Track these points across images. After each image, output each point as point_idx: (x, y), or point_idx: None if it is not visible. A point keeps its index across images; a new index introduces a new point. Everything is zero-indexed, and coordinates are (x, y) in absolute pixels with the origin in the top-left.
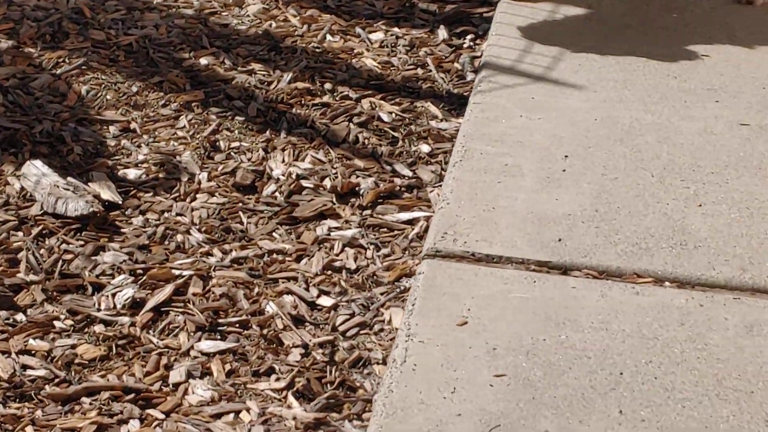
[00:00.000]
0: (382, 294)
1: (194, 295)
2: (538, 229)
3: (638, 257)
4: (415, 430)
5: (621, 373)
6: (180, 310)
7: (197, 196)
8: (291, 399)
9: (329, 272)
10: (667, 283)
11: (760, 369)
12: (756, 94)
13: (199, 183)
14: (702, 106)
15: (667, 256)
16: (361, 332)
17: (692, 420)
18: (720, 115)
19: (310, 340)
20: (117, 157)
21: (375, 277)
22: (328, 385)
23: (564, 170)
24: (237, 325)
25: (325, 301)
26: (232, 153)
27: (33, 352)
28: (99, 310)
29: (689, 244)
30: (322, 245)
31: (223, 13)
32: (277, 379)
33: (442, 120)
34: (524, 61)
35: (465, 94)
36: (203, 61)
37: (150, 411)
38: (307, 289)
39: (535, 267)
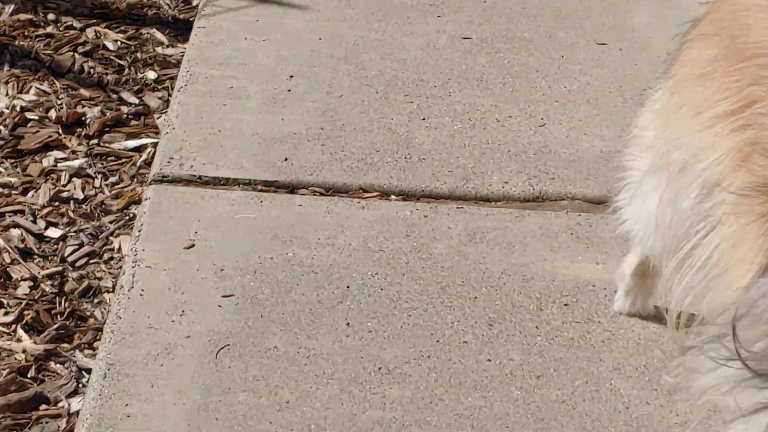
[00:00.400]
0: (111, 222)
1: None
2: (264, 149)
3: (364, 172)
4: (144, 355)
5: (348, 287)
6: None
7: None
8: (20, 332)
9: (57, 203)
10: (392, 197)
11: (482, 275)
12: (477, 8)
13: None
14: (425, 21)
15: (392, 170)
16: (91, 262)
17: (418, 328)
18: (442, 30)
19: (39, 273)
20: None
21: (104, 206)
22: (58, 316)
23: (289, 90)
24: None
25: (53, 233)
26: None
27: None
28: None
29: (414, 157)
30: (48, 177)
31: None
32: (6, 314)
33: (168, 46)
34: None
35: (191, 19)
36: None
37: None
38: (34, 222)
39: (262, 187)
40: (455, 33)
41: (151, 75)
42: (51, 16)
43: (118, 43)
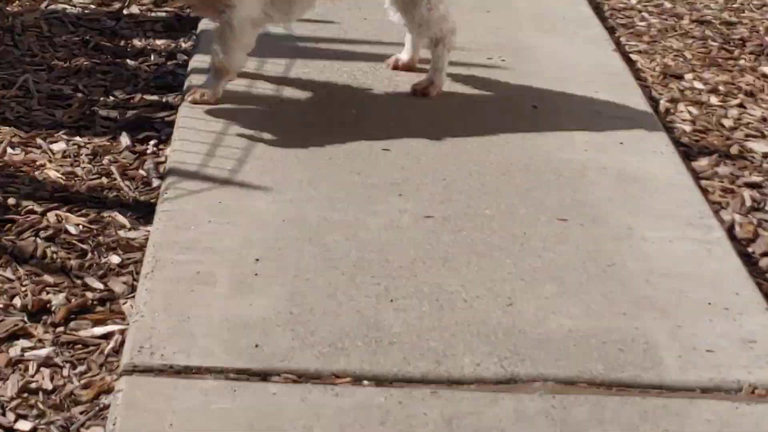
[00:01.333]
0: (81, 413)
1: None
2: (234, 336)
3: (335, 358)
4: None
5: None
6: None
7: None
8: None
9: (25, 395)
10: (365, 382)
11: None
12: (437, 185)
13: None
14: (386, 200)
15: (363, 354)
16: None
17: None
18: (404, 208)
19: None
20: None
21: (73, 396)
22: None
23: (256, 274)
24: None
25: (24, 426)
26: None
27: None
28: None
29: (384, 340)
30: (16, 367)
31: None
32: None
33: (130, 229)
34: (209, 165)
35: (152, 201)
36: None
37: None
38: (3, 414)
39: (234, 375)
40: (417, 211)
41: (115, 259)
42: (11, 201)
43: (80, 226)
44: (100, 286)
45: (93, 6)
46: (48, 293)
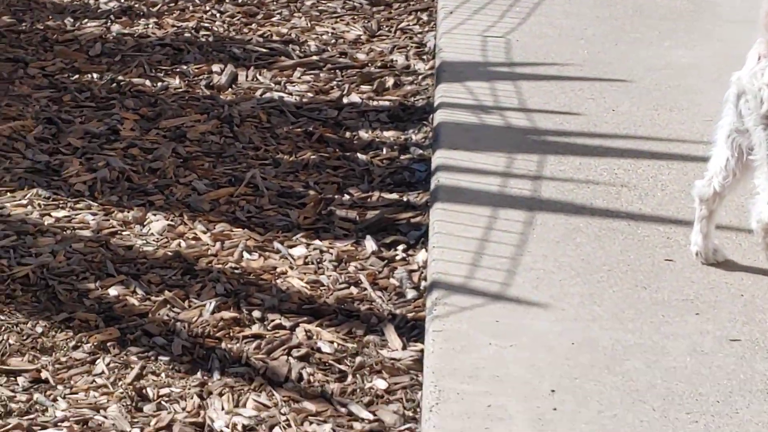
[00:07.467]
0: None
1: None
2: None
3: None
4: None
5: None
6: None
7: None
8: None
9: None
10: None
11: None
12: (735, 303)
13: None
14: (682, 320)
15: None
16: None
17: None
18: (705, 329)
19: None
20: (31, 416)
21: None
22: None
23: (555, 409)
24: None
25: None
26: (163, 402)
27: None
28: None
29: None
30: None
31: (125, 233)
32: None
33: (394, 350)
34: (476, 276)
35: (409, 315)
36: (112, 291)
37: None
38: None
39: None
40: (720, 333)
41: (381, 384)
42: (256, 314)
43: (334, 344)
44: (369, 415)
45: (311, 94)
46: (311, 423)
